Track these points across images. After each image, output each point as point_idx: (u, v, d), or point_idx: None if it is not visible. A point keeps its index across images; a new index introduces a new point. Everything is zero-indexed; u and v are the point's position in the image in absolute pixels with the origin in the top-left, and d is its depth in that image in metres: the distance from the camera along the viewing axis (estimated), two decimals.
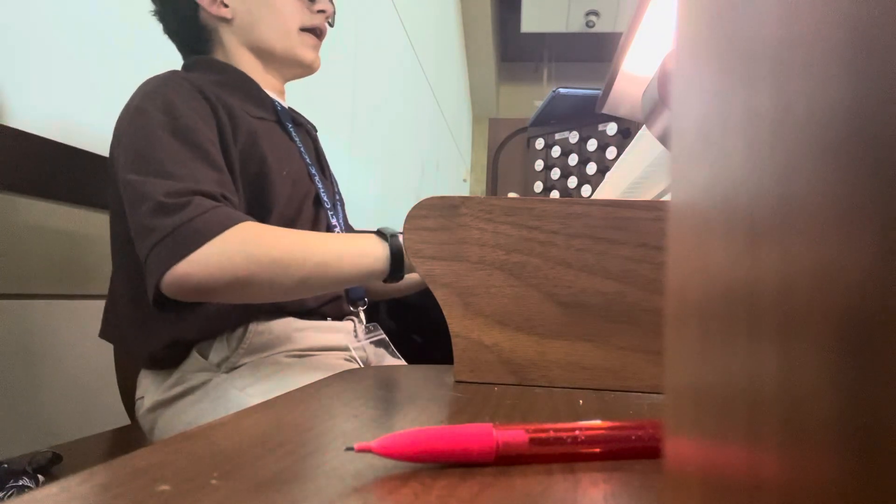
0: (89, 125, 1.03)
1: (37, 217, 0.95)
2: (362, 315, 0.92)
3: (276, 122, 0.90)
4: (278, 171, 0.83)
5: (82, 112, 1.02)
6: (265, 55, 0.93)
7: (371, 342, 0.90)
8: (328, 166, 1.01)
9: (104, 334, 0.87)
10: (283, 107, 0.93)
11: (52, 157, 0.92)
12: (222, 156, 0.77)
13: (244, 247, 0.67)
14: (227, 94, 0.84)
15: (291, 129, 0.91)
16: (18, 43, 0.90)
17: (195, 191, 0.68)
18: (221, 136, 0.78)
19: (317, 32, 0.95)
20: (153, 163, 0.70)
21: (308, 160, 0.91)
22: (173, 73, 0.82)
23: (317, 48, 0.96)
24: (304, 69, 0.96)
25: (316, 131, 1.02)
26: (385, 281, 0.76)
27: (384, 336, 0.91)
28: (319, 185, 0.90)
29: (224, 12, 0.89)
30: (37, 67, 0.93)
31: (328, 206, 0.90)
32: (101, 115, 1.06)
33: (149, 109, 0.74)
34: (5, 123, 0.86)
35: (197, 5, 0.90)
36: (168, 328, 0.77)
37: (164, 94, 0.75)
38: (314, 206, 0.89)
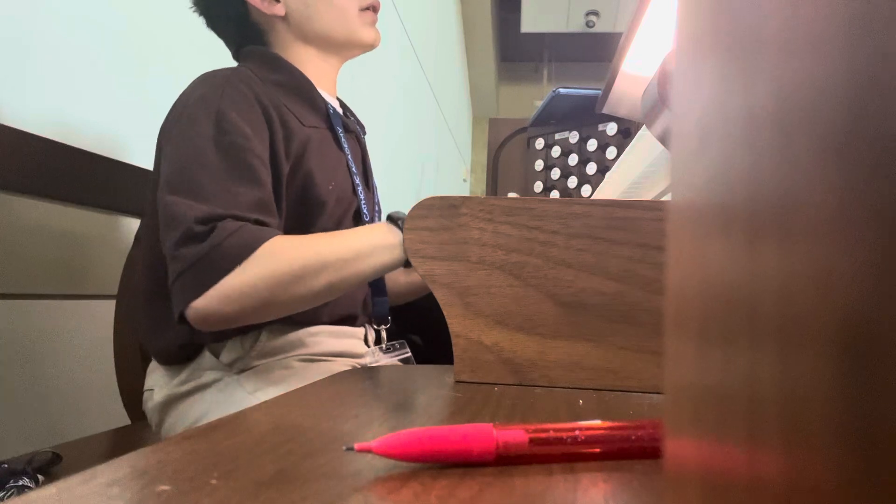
0: (89, 125, 1.03)
1: (37, 217, 0.95)
2: (384, 334, 0.91)
3: (328, 128, 0.89)
4: (324, 185, 0.83)
5: (82, 112, 1.02)
6: (325, 44, 0.91)
7: (397, 360, 0.89)
8: (372, 174, 1.01)
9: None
10: (335, 110, 0.91)
11: (52, 157, 0.92)
12: (271, 169, 0.76)
13: (264, 270, 0.67)
14: (284, 96, 0.83)
15: (342, 136, 0.90)
16: (18, 42, 0.90)
17: (225, 215, 0.67)
18: (273, 148, 0.77)
19: (373, 8, 0.93)
20: (192, 181, 0.69)
21: (354, 170, 0.90)
22: (235, 72, 0.80)
23: (375, 23, 0.94)
24: (366, 48, 0.94)
25: (365, 134, 1.01)
26: (405, 266, 0.76)
27: (409, 355, 0.90)
28: (362, 198, 0.90)
29: (277, 9, 0.87)
30: (37, 67, 0.93)
31: (367, 220, 0.90)
32: (101, 114, 1.06)
33: (200, 120, 0.73)
34: (5, 123, 0.86)
35: (246, 4, 0.88)
36: (180, 331, 0.77)
37: (219, 104, 0.74)
38: (354, 219, 0.89)
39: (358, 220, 0.90)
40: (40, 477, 0.67)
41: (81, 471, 0.21)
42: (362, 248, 0.72)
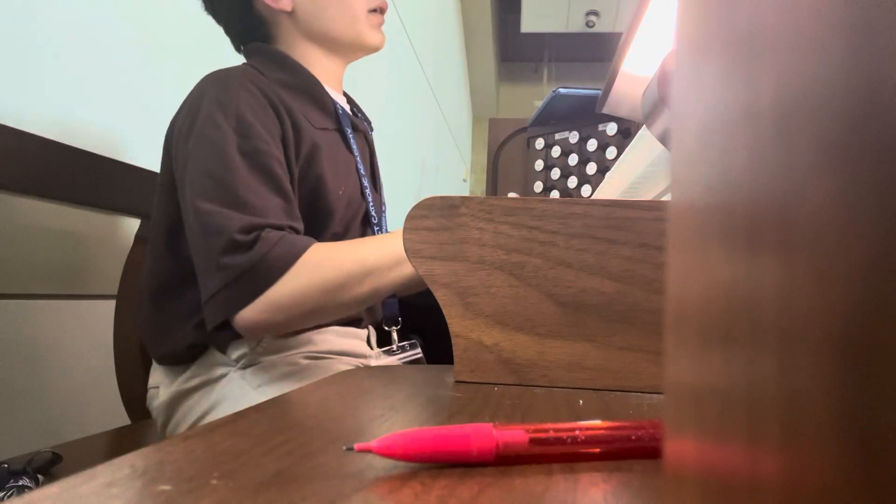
0: (89, 125, 1.03)
1: (37, 217, 0.95)
2: (395, 335, 0.91)
3: (336, 129, 0.88)
4: (335, 189, 0.82)
5: (82, 112, 1.02)
6: (331, 44, 0.90)
7: (406, 362, 0.89)
8: (378, 172, 1.00)
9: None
10: (343, 110, 0.90)
11: (52, 157, 0.92)
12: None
13: (311, 278, 0.68)
14: (293, 98, 0.82)
15: (351, 137, 0.89)
16: (18, 42, 0.90)
17: (265, 224, 0.68)
18: (285, 151, 0.77)
19: (381, 9, 0.92)
20: (226, 190, 0.69)
21: (362, 171, 0.89)
22: (244, 73, 0.78)
23: (382, 25, 0.93)
24: (371, 51, 0.93)
25: (372, 130, 1.00)
26: None
27: (420, 355, 0.89)
28: (370, 200, 0.89)
29: (284, 4, 0.86)
30: (36, 67, 0.93)
31: (375, 223, 0.90)
32: (101, 114, 1.06)
33: (221, 123, 0.72)
34: (5, 123, 0.86)
35: None
36: (189, 332, 0.77)
37: (237, 105, 0.73)
38: (362, 224, 0.89)
39: (366, 223, 0.90)
40: (40, 477, 0.67)
41: (81, 471, 0.21)
42: (398, 255, 0.73)
